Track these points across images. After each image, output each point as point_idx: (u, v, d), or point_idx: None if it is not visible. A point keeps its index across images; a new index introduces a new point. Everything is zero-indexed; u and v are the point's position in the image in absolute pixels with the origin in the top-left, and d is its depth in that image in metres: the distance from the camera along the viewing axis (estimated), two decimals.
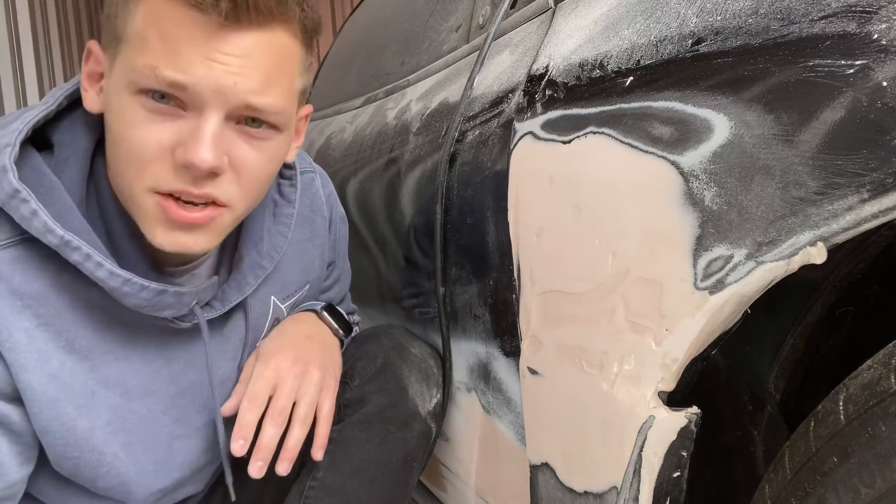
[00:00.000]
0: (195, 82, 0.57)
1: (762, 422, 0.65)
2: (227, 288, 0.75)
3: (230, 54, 0.58)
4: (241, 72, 0.59)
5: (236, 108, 0.60)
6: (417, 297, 0.97)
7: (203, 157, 0.58)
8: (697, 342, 0.49)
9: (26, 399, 0.64)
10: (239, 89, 0.59)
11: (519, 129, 0.69)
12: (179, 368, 0.74)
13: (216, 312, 0.73)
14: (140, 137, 0.59)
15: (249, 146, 0.63)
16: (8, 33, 3.76)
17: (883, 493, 0.39)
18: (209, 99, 0.58)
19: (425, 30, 1.21)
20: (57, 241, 0.60)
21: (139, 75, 0.58)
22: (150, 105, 0.59)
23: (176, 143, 0.59)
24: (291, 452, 0.74)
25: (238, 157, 0.62)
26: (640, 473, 0.53)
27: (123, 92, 0.59)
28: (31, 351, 0.63)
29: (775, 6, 0.44)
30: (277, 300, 0.83)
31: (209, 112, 0.59)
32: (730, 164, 0.45)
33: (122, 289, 0.63)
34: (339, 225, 0.96)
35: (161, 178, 0.60)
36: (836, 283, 0.55)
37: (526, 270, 0.67)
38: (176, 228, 0.62)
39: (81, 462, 0.69)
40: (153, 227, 0.62)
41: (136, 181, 0.61)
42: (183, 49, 0.57)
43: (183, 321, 0.71)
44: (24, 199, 0.60)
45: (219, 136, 0.60)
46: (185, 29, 0.57)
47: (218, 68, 0.58)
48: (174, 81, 0.57)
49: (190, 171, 0.59)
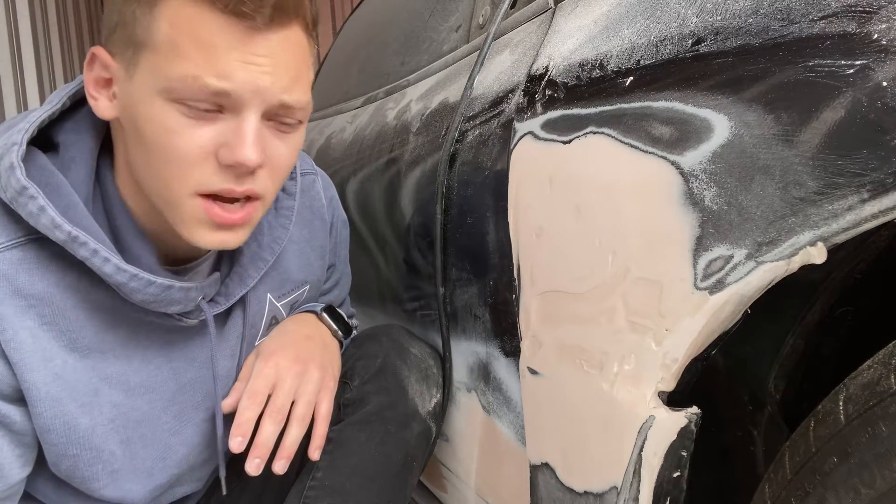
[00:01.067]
0: (237, 87, 0.59)
1: (762, 422, 0.64)
2: (230, 282, 0.75)
3: (263, 55, 0.60)
4: (274, 71, 0.61)
5: (272, 106, 0.62)
6: (417, 297, 0.97)
7: (249, 157, 0.60)
8: (697, 342, 0.49)
9: (30, 398, 0.65)
10: (274, 88, 0.61)
11: (519, 129, 0.69)
12: (180, 366, 0.74)
13: (221, 307, 0.74)
14: (181, 143, 0.60)
15: (280, 140, 0.65)
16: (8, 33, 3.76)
17: (883, 493, 0.39)
18: (248, 100, 0.60)
19: (425, 30, 1.21)
20: (64, 236, 0.61)
21: (180, 84, 0.58)
22: (189, 112, 0.60)
23: (218, 145, 0.61)
24: (288, 451, 0.74)
25: (272, 152, 0.64)
26: (640, 473, 0.53)
27: (156, 99, 0.60)
28: (36, 350, 0.63)
29: (775, 6, 0.44)
30: (274, 298, 0.83)
31: (248, 112, 0.61)
32: (730, 164, 0.45)
33: (130, 284, 0.63)
34: (340, 229, 0.96)
35: (206, 180, 0.62)
36: (836, 283, 0.55)
37: (526, 270, 0.67)
38: (218, 229, 0.64)
39: (79, 460, 0.69)
40: (196, 229, 0.64)
41: (178, 185, 0.62)
42: (222, 56, 0.58)
43: (189, 318, 0.72)
44: (31, 195, 0.60)
45: (258, 134, 0.62)
46: (220, 35, 0.58)
47: (255, 70, 0.60)
48: (219, 90, 0.59)
49: (234, 170, 0.62)
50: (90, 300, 0.66)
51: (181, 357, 0.74)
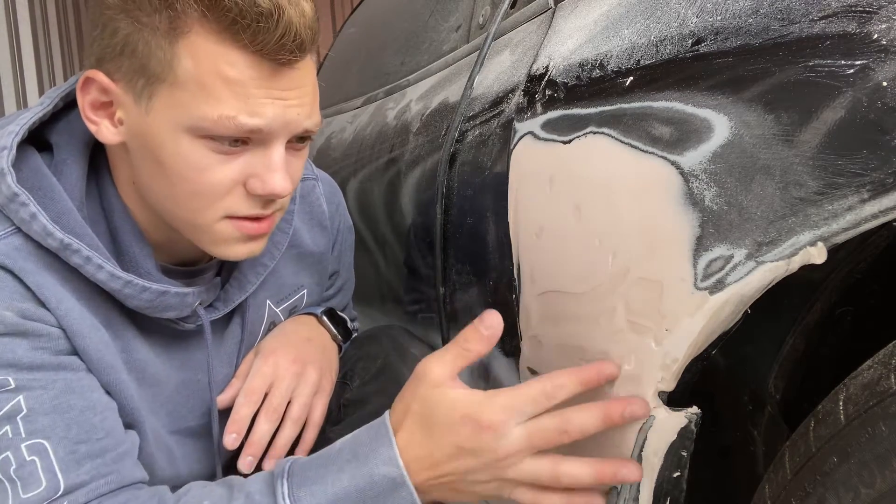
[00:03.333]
0: (269, 123, 0.60)
1: (762, 422, 0.64)
2: (229, 288, 0.75)
3: (288, 89, 0.61)
4: (299, 103, 0.62)
5: (296, 135, 0.64)
6: (417, 297, 0.97)
7: (283, 186, 0.62)
8: (697, 342, 0.49)
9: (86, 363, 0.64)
10: (301, 119, 0.63)
11: (519, 129, 0.69)
12: (178, 365, 0.75)
13: (219, 313, 0.74)
14: (212, 179, 0.61)
15: (295, 157, 0.67)
16: (8, 33, 3.76)
17: (883, 493, 0.39)
18: (277, 133, 0.62)
19: (425, 30, 1.21)
20: (57, 244, 0.61)
21: (214, 125, 0.59)
22: (220, 148, 0.61)
23: (246, 176, 0.62)
24: (280, 451, 0.74)
25: (291, 171, 0.66)
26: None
27: (182, 136, 0.60)
28: (83, 318, 0.64)
29: (775, 6, 0.44)
30: (272, 304, 0.83)
31: (276, 143, 0.62)
32: (730, 164, 0.45)
33: (124, 291, 0.63)
34: (345, 235, 0.96)
35: (235, 208, 0.63)
36: (836, 283, 0.55)
37: (526, 270, 0.67)
38: (248, 241, 0.66)
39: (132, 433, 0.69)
40: (227, 246, 0.65)
41: (207, 213, 0.63)
42: (252, 94, 0.59)
43: (186, 322, 0.71)
44: (22, 202, 0.60)
45: (285, 163, 0.63)
46: (249, 75, 0.59)
47: (282, 105, 0.61)
48: (252, 128, 0.60)
49: (265, 198, 0.63)
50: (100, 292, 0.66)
51: (179, 356, 0.74)
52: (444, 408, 0.57)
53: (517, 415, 0.55)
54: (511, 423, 0.55)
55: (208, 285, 0.71)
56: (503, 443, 0.55)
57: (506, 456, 0.55)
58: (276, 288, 0.83)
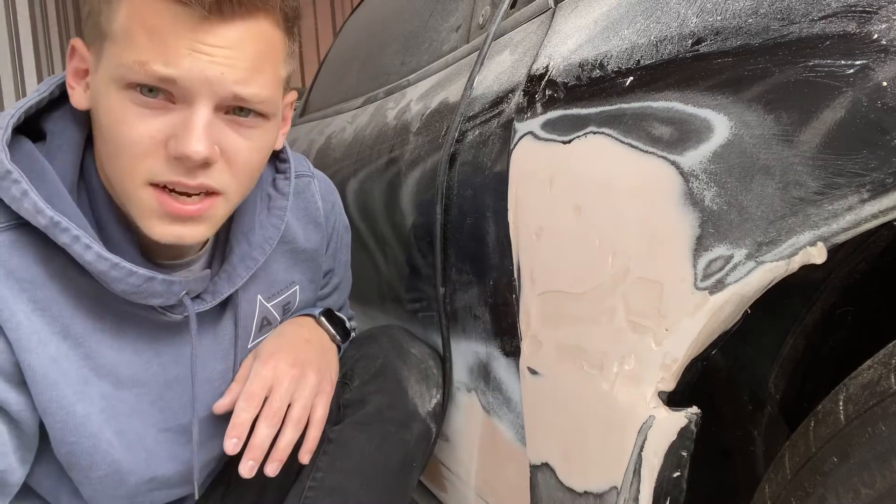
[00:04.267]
0: (183, 75, 0.59)
1: (762, 422, 0.64)
2: (219, 280, 0.75)
3: (216, 45, 0.60)
4: (227, 62, 0.60)
5: (224, 98, 0.61)
6: (417, 297, 0.97)
7: (196, 149, 0.59)
8: (697, 342, 0.49)
9: (28, 380, 0.65)
10: (226, 80, 0.60)
11: (519, 129, 0.69)
12: (168, 361, 0.74)
13: (207, 305, 0.73)
14: (132, 132, 0.60)
15: (239, 135, 0.64)
16: (8, 33, 3.76)
17: (883, 493, 0.39)
18: (198, 91, 0.60)
19: (425, 30, 1.21)
20: (46, 221, 0.61)
21: (128, 71, 0.59)
22: (139, 100, 0.60)
23: (168, 136, 0.61)
24: (282, 454, 0.74)
25: (229, 147, 0.63)
26: (640, 473, 0.53)
27: (112, 88, 0.60)
28: (32, 333, 0.64)
29: (775, 6, 0.44)
30: (263, 299, 0.83)
31: (198, 104, 0.60)
32: (730, 164, 0.45)
33: (110, 273, 0.63)
34: (341, 234, 0.96)
35: (156, 171, 0.61)
36: (836, 283, 0.55)
37: (526, 270, 0.67)
38: (173, 221, 0.63)
39: (77, 448, 0.69)
40: (150, 220, 0.63)
41: (131, 175, 0.62)
42: (169, 43, 0.58)
43: (173, 312, 0.71)
44: (15, 179, 0.61)
45: (209, 127, 0.61)
46: (170, 23, 0.58)
47: (204, 60, 0.59)
48: (163, 76, 0.58)
49: (183, 163, 0.61)
50: (77, 287, 0.66)
51: (169, 352, 0.74)
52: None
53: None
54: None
55: (196, 276, 0.71)
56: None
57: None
58: (268, 283, 0.83)
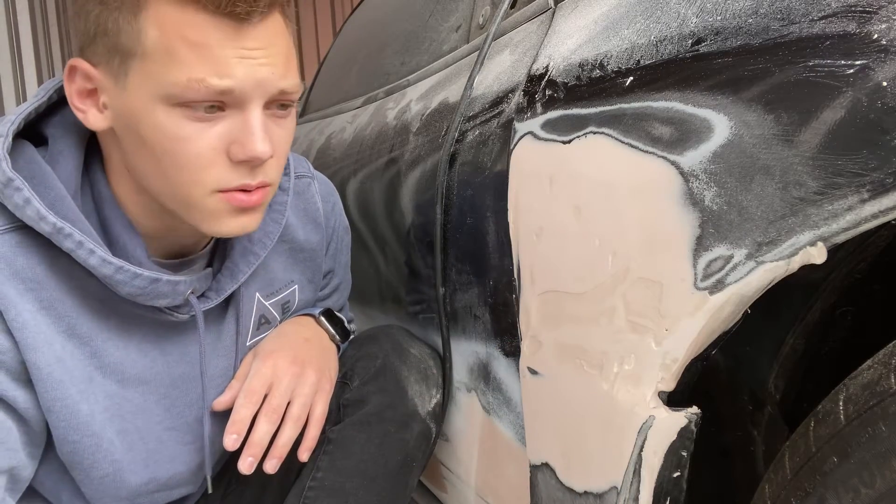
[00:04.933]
0: (240, 84, 0.60)
1: (762, 422, 0.64)
2: (221, 277, 0.75)
3: (257, 48, 0.61)
4: (270, 62, 0.62)
5: (272, 96, 0.63)
6: (417, 297, 0.97)
7: (262, 150, 0.62)
8: (697, 342, 0.49)
9: (34, 378, 0.65)
10: (274, 78, 0.62)
11: (519, 129, 0.69)
12: (173, 360, 0.74)
13: (212, 303, 0.74)
14: (192, 148, 0.61)
15: (279, 126, 0.66)
16: (8, 32, 3.76)
17: (883, 493, 0.39)
18: (251, 95, 0.61)
19: (425, 30, 1.21)
20: (50, 228, 0.61)
21: (184, 90, 0.59)
22: (195, 115, 0.61)
23: (227, 143, 0.62)
24: (281, 451, 0.74)
25: (276, 140, 0.65)
26: (640, 473, 0.53)
27: (158, 106, 0.60)
28: (38, 333, 0.64)
29: (775, 6, 0.44)
30: (262, 297, 0.83)
31: (252, 106, 0.62)
32: (730, 164, 0.45)
33: (115, 276, 0.64)
34: (341, 235, 0.96)
35: (223, 179, 0.63)
36: (836, 283, 0.55)
37: (526, 270, 0.67)
38: (239, 214, 0.66)
39: (80, 446, 0.69)
40: (219, 220, 0.65)
41: (195, 187, 0.63)
42: (218, 54, 0.59)
43: (179, 312, 0.72)
44: (17, 187, 0.61)
45: (265, 126, 0.63)
46: (213, 36, 0.59)
47: (252, 64, 0.60)
48: (222, 89, 0.59)
49: (247, 165, 0.63)
50: (83, 287, 0.67)
51: (175, 351, 0.74)
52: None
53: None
54: None
55: (199, 275, 0.72)
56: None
57: None
58: (266, 281, 0.83)
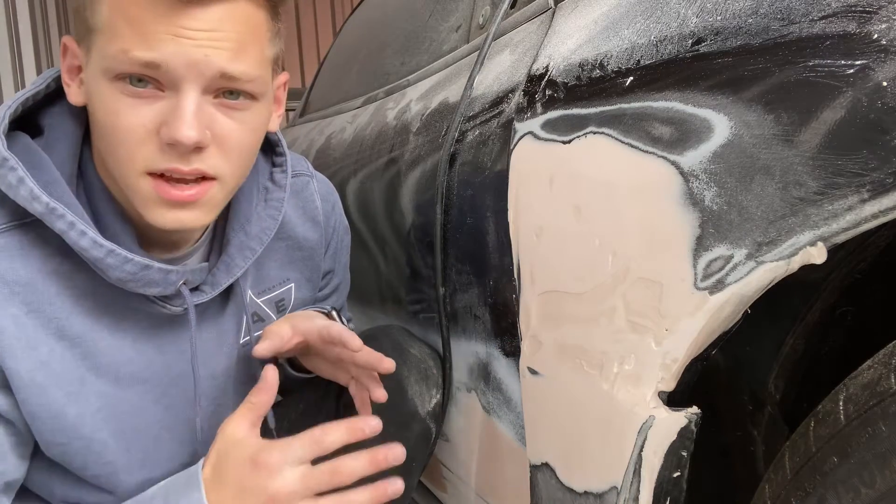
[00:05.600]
0: (167, 59, 0.59)
1: (762, 422, 0.64)
2: (217, 271, 0.75)
3: (198, 29, 0.60)
4: (211, 44, 0.61)
5: (212, 80, 0.62)
6: (417, 297, 0.97)
7: (186, 134, 0.60)
8: (697, 342, 0.49)
9: (14, 386, 0.64)
10: (211, 61, 0.61)
11: (519, 129, 0.69)
12: (172, 358, 0.74)
13: (206, 296, 0.73)
14: (124, 123, 0.61)
15: (229, 118, 0.65)
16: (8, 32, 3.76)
17: (883, 492, 0.39)
18: (184, 75, 0.60)
19: (425, 30, 1.21)
20: (42, 208, 0.61)
21: (113, 61, 0.60)
22: (128, 90, 0.61)
23: (159, 124, 0.61)
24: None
25: (220, 130, 0.64)
26: (640, 473, 0.53)
27: (101, 80, 0.61)
28: (19, 338, 0.64)
29: (775, 6, 0.44)
30: (253, 294, 0.83)
31: (186, 88, 0.61)
32: (730, 164, 0.45)
33: (106, 260, 0.63)
34: (341, 235, 0.96)
35: (151, 160, 0.62)
36: (836, 283, 0.55)
37: (526, 270, 0.67)
38: (172, 207, 0.64)
39: (69, 449, 0.69)
40: (150, 208, 0.64)
41: (128, 165, 0.63)
42: (150, 29, 0.59)
43: (173, 304, 0.71)
44: (11, 167, 0.61)
45: (199, 111, 0.61)
46: (150, 10, 0.59)
47: (187, 43, 0.60)
48: (146, 61, 0.59)
49: (176, 149, 0.61)
50: (74, 286, 0.66)
51: (172, 349, 0.74)
52: (233, 455, 0.65)
53: (290, 456, 0.63)
54: (285, 464, 0.62)
55: (194, 267, 0.71)
56: (278, 481, 0.62)
57: (280, 494, 0.62)
58: (257, 278, 0.83)
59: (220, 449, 0.66)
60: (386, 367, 0.74)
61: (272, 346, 0.75)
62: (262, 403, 0.68)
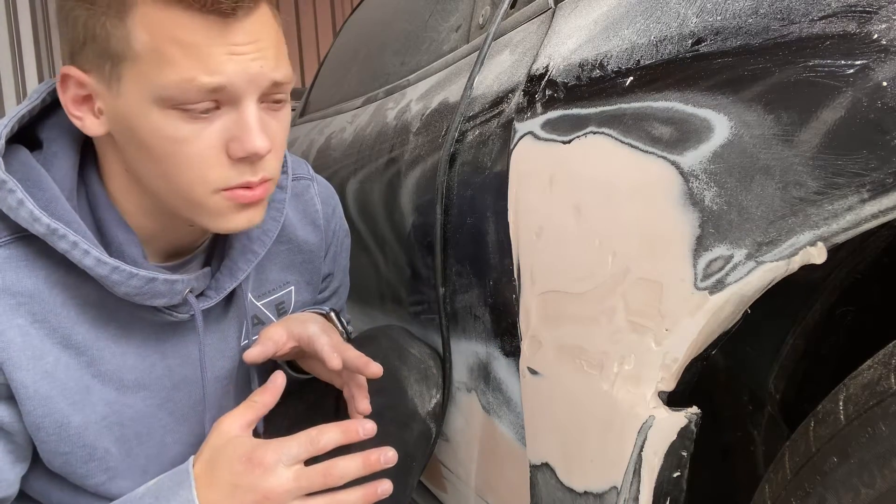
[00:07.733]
0: (231, 80, 0.60)
1: (762, 422, 0.65)
2: (220, 276, 0.75)
3: (247, 42, 0.61)
4: (260, 55, 0.62)
5: (266, 90, 0.63)
6: (417, 297, 0.97)
7: (261, 145, 0.62)
8: (697, 342, 0.49)
9: (18, 397, 0.64)
10: (265, 72, 0.62)
11: (519, 129, 0.69)
12: (175, 363, 0.74)
13: (211, 301, 0.74)
14: (192, 150, 0.61)
15: (275, 120, 0.66)
16: (9, 32, 3.76)
17: (883, 492, 0.39)
18: (244, 90, 0.61)
19: (425, 30, 1.21)
20: (44, 229, 0.61)
21: (176, 90, 0.59)
22: (189, 116, 0.61)
23: (225, 141, 0.62)
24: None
25: (272, 133, 0.65)
26: (640, 473, 0.53)
27: (152, 109, 0.60)
28: (25, 349, 0.63)
29: (775, 6, 0.44)
30: (253, 297, 0.83)
31: (246, 101, 0.62)
32: (730, 164, 0.45)
33: (111, 277, 0.64)
34: (341, 238, 0.96)
35: (225, 178, 0.63)
36: (836, 283, 0.55)
37: (526, 270, 0.67)
38: (243, 209, 0.66)
39: (72, 457, 0.69)
40: (223, 217, 0.66)
41: (200, 187, 0.63)
42: (208, 52, 0.59)
43: (179, 312, 0.71)
44: (10, 189, 0.61)
45: (261, 120, 0.63)
46: (202, 33, 0.59)
47: (243, 59, 0.60)
48: (214, 87, 0.59)
49: (248, 161, 0.63)
50: (79, 296, 0.66)
51: (175, 354, 0.74)
52: (227, 451, 0.65)
53: (285, 456, 0.63)
54: (279, 463, 0.63)
55: (197, 273, 0.72)
56: (272, 480, 0.62)
57: (273, 492, 0.62)
58: (257, 281, 0.83)
59: (214, 445, 0.66)
60: (372, 372, 0.74)
61: (264, 351, 0.75)
62: (264, 404, 0.69)
